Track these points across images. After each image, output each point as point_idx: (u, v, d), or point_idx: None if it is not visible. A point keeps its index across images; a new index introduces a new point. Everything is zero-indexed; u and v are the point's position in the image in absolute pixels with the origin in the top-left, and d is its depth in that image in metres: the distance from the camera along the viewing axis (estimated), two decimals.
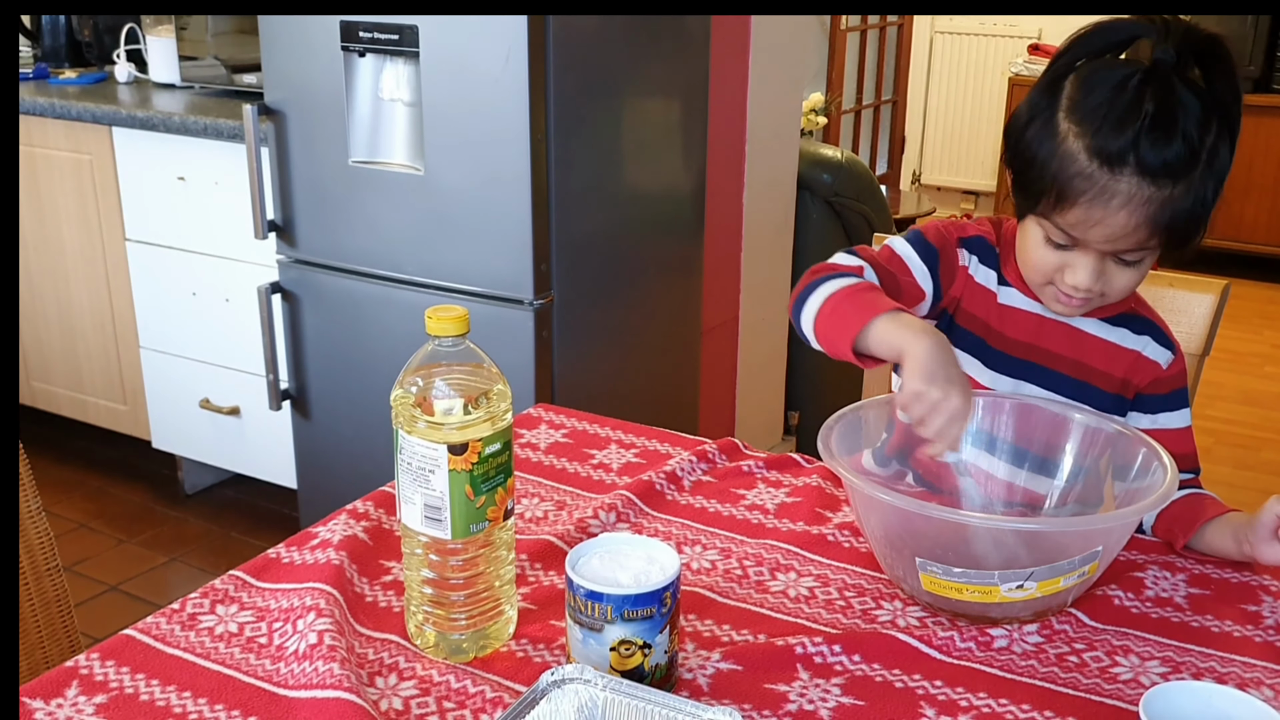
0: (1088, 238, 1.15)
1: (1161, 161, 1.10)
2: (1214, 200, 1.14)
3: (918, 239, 1.29)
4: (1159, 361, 1.29)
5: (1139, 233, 1.13)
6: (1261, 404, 4.10)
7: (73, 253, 3.07)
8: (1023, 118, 1.18)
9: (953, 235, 1.31)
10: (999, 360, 1.29)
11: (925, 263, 1.28)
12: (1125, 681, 1.01)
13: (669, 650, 0.96)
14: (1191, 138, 1.11)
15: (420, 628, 1.04)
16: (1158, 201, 1.11)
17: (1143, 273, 1.20)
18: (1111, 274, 1.18)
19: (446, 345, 0.98)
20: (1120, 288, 1.20)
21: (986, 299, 1.30)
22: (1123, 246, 1.15)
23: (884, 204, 3.43)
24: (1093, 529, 1.07)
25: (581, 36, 2.21)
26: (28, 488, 1.33)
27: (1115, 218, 1.12)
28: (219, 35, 2.97)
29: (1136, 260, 1.18)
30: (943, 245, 1.29)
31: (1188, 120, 1.11)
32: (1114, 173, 1.11)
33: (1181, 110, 1.11)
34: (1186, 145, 1.10)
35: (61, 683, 0.98)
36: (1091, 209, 1.13)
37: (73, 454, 3.37)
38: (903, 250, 1.29)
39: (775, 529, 1.26)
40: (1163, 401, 1.29)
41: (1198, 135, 1.11)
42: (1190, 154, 1.11)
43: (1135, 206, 1.11)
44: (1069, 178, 1.13)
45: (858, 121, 5.73)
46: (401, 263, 2.34)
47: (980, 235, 1.31)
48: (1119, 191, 1.11)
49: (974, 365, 1.30)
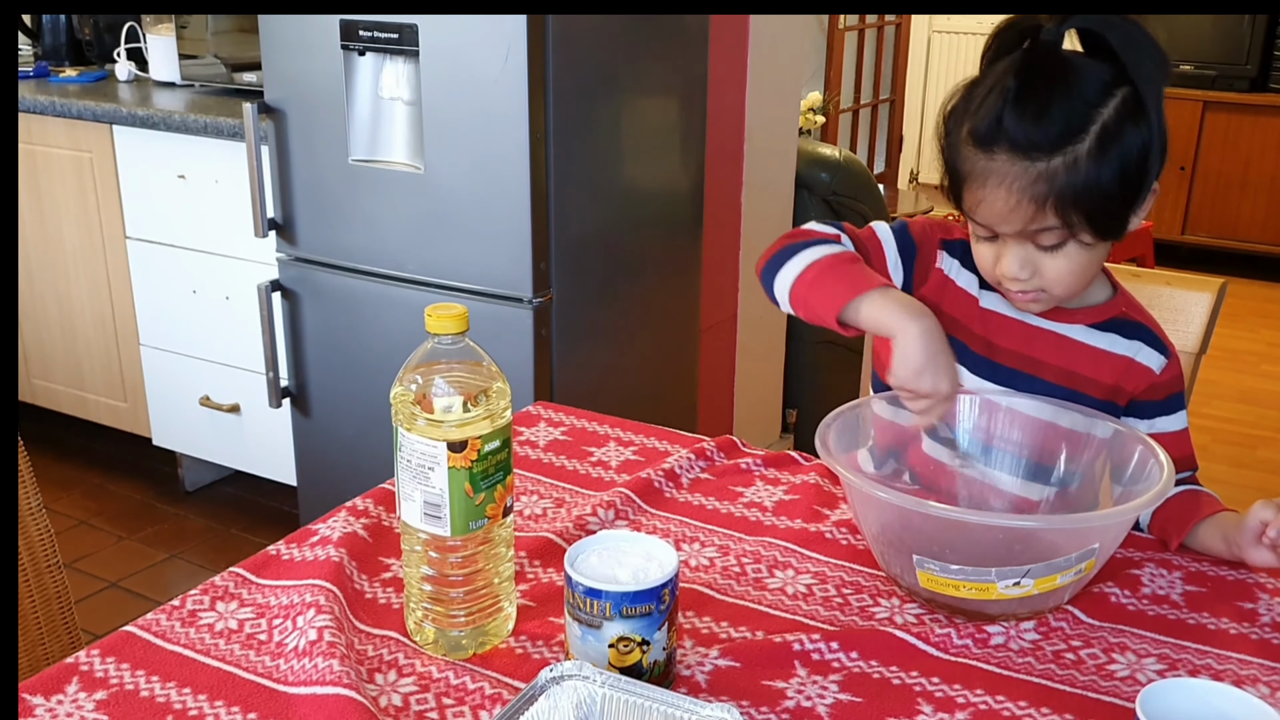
0: (983, 220, 1.17)
1: (1025, 135, 1.10)
2: (1122, 182, 1.12)
3: (901, 229, 1.31)
4: (1152, 367, 1.27)
5: (1024, 209, 1.13)
6: (1258, 402, 4.10)
7: (73, 250, 3.07)
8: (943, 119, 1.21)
9: (936, 236, 1.31)
10: (983, 366, 1.27)
11: (901, 253, 1.29)
12: (1122, 679, 1.01)
13: (667, 647, 0.97)
14: (1066, 110, 1.10)
15: (419, 624, 1.04)
16: (1031, 175, 1.11)
17: (1078, 262, 1.17)
18: (1039, 262, 1.17)
19: (446, 343, 0.99)
20: (1055, 278, 1.18)
21: (968, 303, 1.29)
22: (1018, 226, 1.15)
23: (882, 203, 3.43)
24: (1089, 526, 1.07)
25: (581, 35, 2.22)
26: (28, 484, 1.34)
27: (995, 195, 1.13)
28: (219, 34, 2.97)
29: (1054, 245, 1.16)
30: (923, 243, 1.30)
31: (1065, 93, 1.11)
32: (987, 153, 1.13)
33: (1057, 82, 1.11)
34: (1060, 118, 1.10)
35: (62, 679, 0.98)
36: (974, 190, 1.15)
37: (73, 451, 3.38)
38: (883, 235, 1.30)
39: (773, 526, 1.26)
40: (1159, 407, 1.28)
41: (1078, 108, 1.10)
42: (1065, 126, 1.10)
43: (1010, 182, 1.12)
44: (958, 164, 1.17)
45: (855, 120, 5.73)
46: (401, 261, 2.35)
47: (965, 238, 1.30)
48: (993, 170, 1.13)
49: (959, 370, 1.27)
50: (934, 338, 1.13)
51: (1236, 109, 5.35)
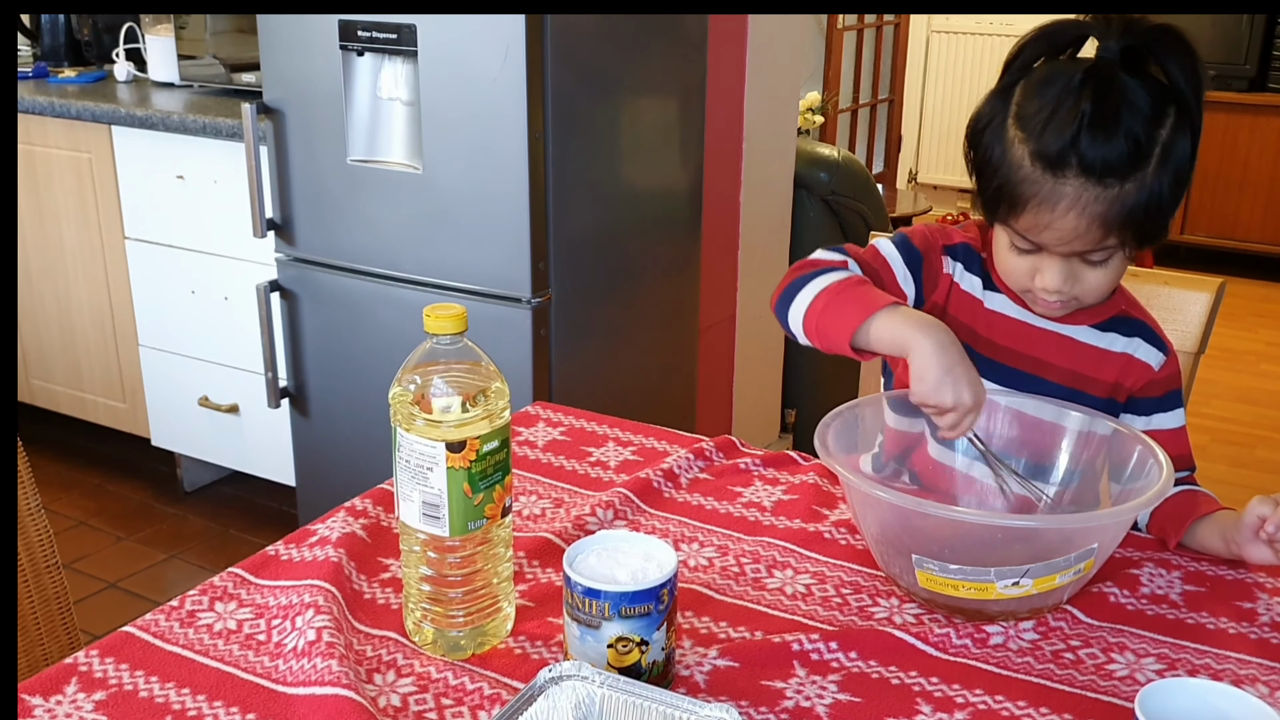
0: (1042, 241, 1.15)
1: (1103, 160, 1.09)
2: (1174, 194, 1.13)
3: (903, 241, 1.29)
4: (1150, 363, 1.28)
5: (1092, 233, 1.13)
6: (1256, 402, 4.10)
7: (72, 251, 3.07)
8: (977, 124, 1.19)
9: (938, 242, 1.30)
10: (987, 367, 1.26)
11: (909, 266, 1.28)
12: (1121, 678, 1.01)
13: (666, 647, 0.97)
14: (1137, 134, 1.10)
15: (418, 625, 1.04)
16: (1105, 200, 1.11)
17: (1116, 272, 1.19)
18: (1081, 275, 1.18)
19: (444, 343, 0.99)
20: (1093, 288, 1.19)
21: (973, 305, 1.29)
22: (1079, 248, 1.15)
23: (880, 202, 3.43)
24: (1088, 526, 1.07)
25: (579, 35, 2.22)
26: (27, 485, 1.34)
27: (1064, 221, 1.12)
28: (218, 34, 2.97)
29: (1103, 260, 1.17)
30: (927, 250, 1.29)
31: (1133, 116, 1.10)
32: (1057, 176, 1.11)
33: (1126, 106, 1.10)
34: (1131, 142, 1.10)
35: (61, 680, 0.98)
36: (1040, 214, 1.13)
37: (72, 451, 3.38)
38: (887, 251, 1.29)
39: (772, 526, 1.26)
40: (1157, 404, 1.29)
41: (1145, 130, 1.10)
42: (1136, 150, 1.10)
43: (1083, 208, 1.11)
44: (1017, 183, 1.13)
45: (854, 120, 5.74)
46: (400, 261, 2.35)
47: (965, 242, 1.30)
48: (1064, 195, 1.11)
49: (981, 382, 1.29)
50: (949, 350, 1.11)
51: (1235, 109, 5.35)
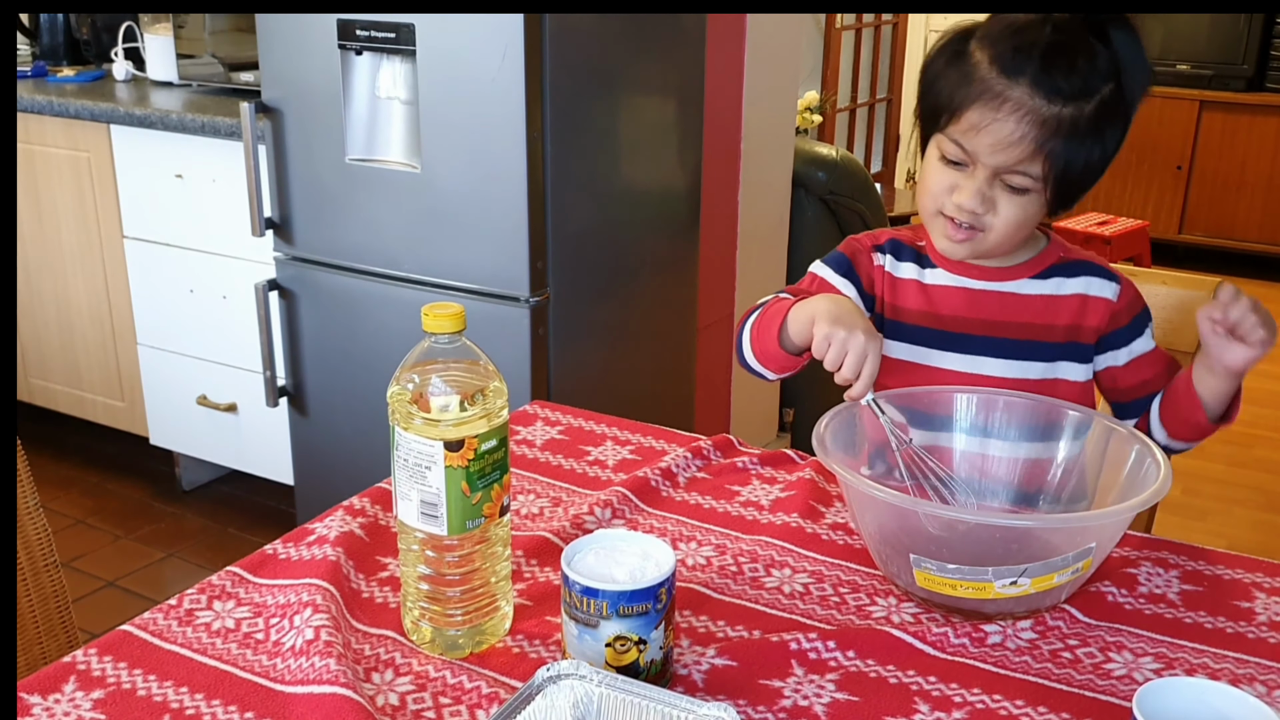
0: (977, 145, 1.22)
1: (1053, 82, 1.18)
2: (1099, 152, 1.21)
3: (833, 256, 1.40)
4: (1107, 296, 1.33)
5: (1024, 146, 1.19)
6: (1255, 402, 4.08)
7: (71, 250, 3.07)
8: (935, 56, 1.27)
9: (866, 244, 1.40)
10: (940, 339, 1.34)
11: (843, 274, 1.38)
12: (1118, 678, 1.01)
13: (664, 646, 0.97)
14: (1086, 74, 1.19)
15: (416, 623, 1.04)
16: (1044, 116, 1.19)
17: (1025, 214, 1.25)
18: (997, 201, 1.24)
19: (443, 342, 0.99)
20: (1002, 221, 1.25)
21: (913, 287, 1.36)
22: (1006, 160, 1.21)
23: (879, 202, 3.44)
24: (1086, 525, 1.07)
25: (578, 35, 2.22)
26: (26, 484, 1.34)
27: (1004, 124, 1.19)
28: (216, 33, 2.97)
29: (1021, 189, 1.23)
30: (855, 254, 1.39)
31: (1087, 61, 1.19)
32: (1010, 79, 1.19)
33: (1083, 52, 1.19)
34: (1080, 78, 1.19)
35: (59, 678, 0.98)
36: (984, 111, 1.20)
37: (70, 450, 3.38)
38: (822, 271, 1.39)
39: (770, 525, 1.26)
40: (1130, 331, 1.35)
41: (1093, 79, 1.19)
42: (1083, 86, 1.19)
43: (1024, 114, 1.19)
44: (970, 84, 1.22)
45: (853, 120, 5.74)
46: (398, 260, 2.35)
47: (893, 238, 1.39)
48: (1010, 97, 1.19)
49: (919, 351, 1.35)
50: (843, 303, 1.20)
51: (1233, 108, 5.36)
